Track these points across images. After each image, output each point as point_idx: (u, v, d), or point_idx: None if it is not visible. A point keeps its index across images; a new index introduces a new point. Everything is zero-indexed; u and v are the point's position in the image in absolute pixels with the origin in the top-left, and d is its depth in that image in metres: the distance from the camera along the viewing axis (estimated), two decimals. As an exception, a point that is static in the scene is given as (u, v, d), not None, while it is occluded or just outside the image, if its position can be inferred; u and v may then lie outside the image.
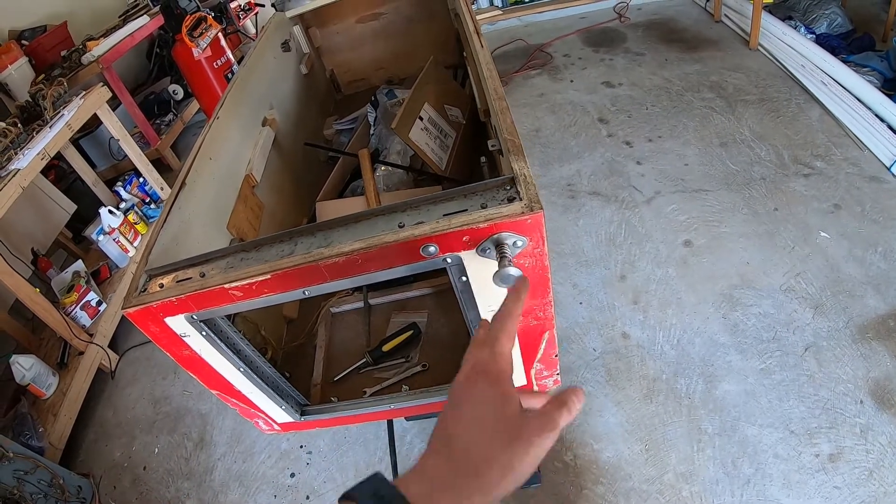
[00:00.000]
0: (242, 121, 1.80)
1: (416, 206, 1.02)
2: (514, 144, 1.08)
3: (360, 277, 1.02)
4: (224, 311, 1.09)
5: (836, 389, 2.05)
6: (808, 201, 2.66)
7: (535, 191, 0.98)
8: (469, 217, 0.96)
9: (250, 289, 1.02)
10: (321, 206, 1.82)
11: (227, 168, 1.63)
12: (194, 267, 1.10)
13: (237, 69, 1.91)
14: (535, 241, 0.99)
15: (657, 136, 3.25)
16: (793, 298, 2.33)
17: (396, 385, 1.52)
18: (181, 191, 1.36)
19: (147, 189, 3.52)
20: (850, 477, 1.83)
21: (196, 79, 3.81)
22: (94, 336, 2.84)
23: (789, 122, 3.09)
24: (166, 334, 1.16)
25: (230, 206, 1.58)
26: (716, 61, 3.71)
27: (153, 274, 1.15)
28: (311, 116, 2.46)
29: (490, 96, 1.22)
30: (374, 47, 2.68)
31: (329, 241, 1.02)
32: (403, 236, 0.96)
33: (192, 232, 1.37)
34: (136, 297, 1.10)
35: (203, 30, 3.67)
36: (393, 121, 1.90)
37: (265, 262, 1.03)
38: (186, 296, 1.04)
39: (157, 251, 1.22)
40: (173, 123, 4.36)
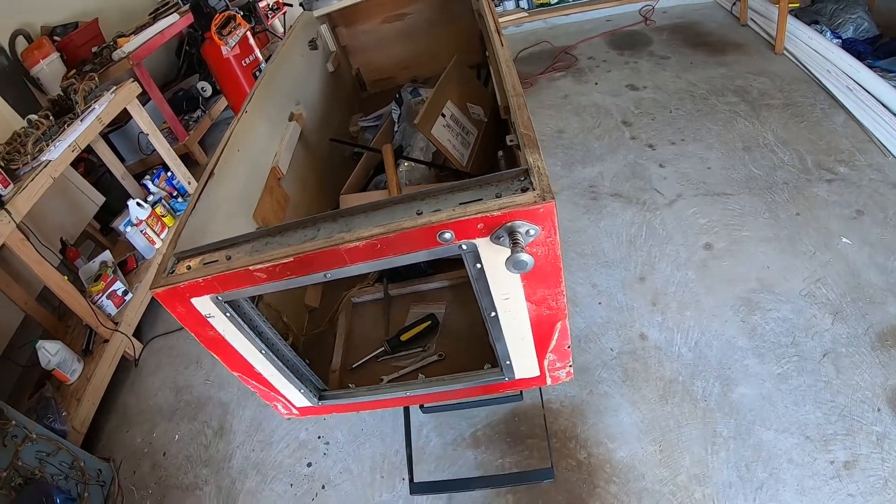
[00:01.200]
0: (270, 115, 1.87)
1: (434, 195, 1.07)
2: (529, 138, 1.13)
3: (379, 262, 1.07)
4: (248, 292, 1.15)
5: (853, 396, 2.03)
6: (830, 207, 2.65)
7: (547, 181, 1.02)
8: (484, 205, 1.01)
9: (273, 271, 1.08)
10: (345, 199, 1.88)
11: (254, 160, 1.70)
12: (221, 250, 1.17)
13: (266, 66, 1.98)
14: (547, 229, 1.04)
15: (680, 139, 3.26)
16: (812, 304, 2.33)
17: (413, 373, 1.57)
18: (210, 180, 1.43)
19: (175, 183, 3.61)
20: (864, 485, 1.82)
21: (224, 76, 3.90)
22: (120, 324, 2.93)
23: (813, 126, 3.08)
24: (192, 315, 1.22)
25: (256, 197, 1.65)
26: (741, 65, 3.71)
27: (181, 256, 1.21)
28: (337, 113, 2.53)
29: (508, 92, 1.27)
30: (399, 47, 2.74)
31: (350, 227, 1.07)
32: (421, 223, 1.01)
33: (219, 220, 1.44)
34: (165, 278, 1.17)
35: (232, 28, 3.76)
36: (416, 117, 1.96)
37: (289, 245, 1.09)
38: (212, 277, 1.11)
39: (185, 236, 1.29)
40: (201, 120, 4.47)
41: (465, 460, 2.12)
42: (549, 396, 2.20)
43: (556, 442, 2.10)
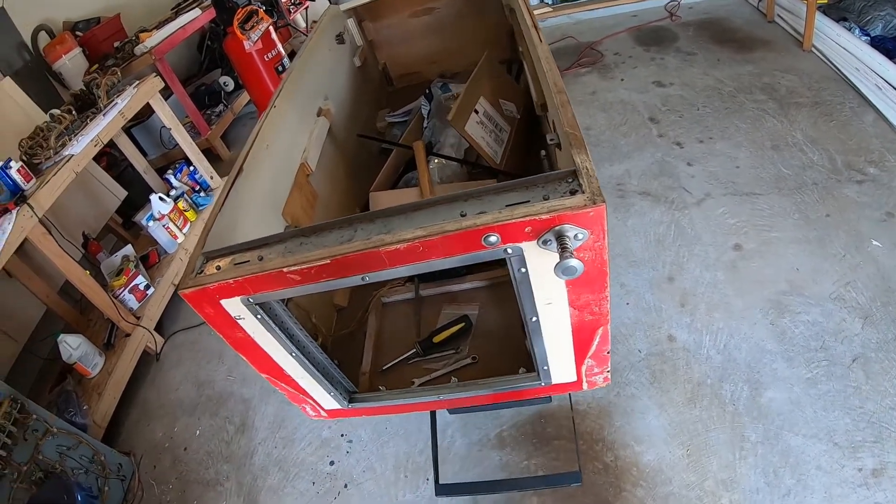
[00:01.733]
0: (298, 110, 1.82)
1: (478, 196, 1.02)
2: (575, 138, 1.07)
3: (420, 265, 1.02)
4: (280, 294, 1.10)
5: (882, 403, 1.98)
6: (860, 208, 2.57)
7: (597, 184, 0.97)
8: (531, 208, 0.95)
9: (309, 273, 1.03)
10: (375, 196, 1.83)
11: (283, 156, 1.65)
12: (252, 251, 1.12)
13: (292, 61, 1.93)
14: (595, 234, 0.98)
15: (708, 137, 3.18)
16: (842, 307, 2.26)
17: (445, 376, 1.52)
18: (238, 176, 1.38)
19: (197, 177, 3.58)
20: (892, 493, 1.77)
21: (247, 71, 3.86)
22: (141, 319, 2.90)
23: (843, 126, 2.99)
24: (221, 316, 1.17)
25: (285, 193, 1.60)
26: (768, 62, 3.61)
27: (210, 256, 1.16)
28: (364, 108, 2.48)
29: (550, 90, 1.21)
30: (426, 42, 2.69)
31: (389, 229, 1.02)
32: (466, 225, 0.96)
33: (248, 217, 1.39)
34: (193, 279, 1.12)
35: (254, 23, 3.71)
36: (448, 113, 1.90)
37: (324, 247, 1.03)
38: (244, 278, 1.06)
39: (214, 234, 1.24)
40: (223, 114, 4.44)
41: (491, 461, 2.08)
42: (576, 398, 2.15)
43: (582, 444, 2.04)
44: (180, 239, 3.25)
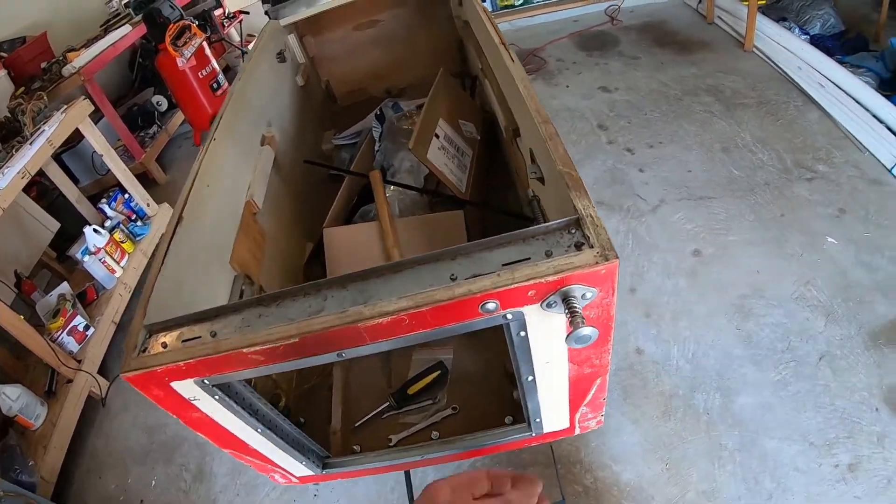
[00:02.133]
0: (240, 141, 1.60)
1: (468, 253, 0.85)
2: (572, 178, 0.91)
3: (405, 337, 0.85)
4: (240, 376, 0.91)
5: (851, 398, 1.96)
6: (813, 206, 2.54)
7: (606, 235, 0.82)
8: (535, 268, 0.79)
9: (274, 352, 0.84)
10: (330, 233, 1.63)
11: (226, 195, 1.43)
12: (202, 323, 0.92)
13: (231, 85, 1.70)
14: (605, 291, 0.84)
15: (658, 141, 3.09)
16: (804, 307, 2.22)
17: (425, 431, 1.35)
18: (178, 226, 1.17)
19: (133, 206, 3.28)
20: (869, 486, 1.77)
21: (181, 89, 3.58)
22: (83, 362, 2.61)
23: (789, 125, 2.96)
24: (172, 398, 0.97)
25: (231, 238, 1.39)
26: (711, 64, 3.56)
27: (154, 329, 0.96)
28: (309, 131, 2.26)
29: (533, 119, 1.05)
30: (372, 56, 2.49)
31: (367, 297, 0.84)
32: (459, 293, 0.79)
33: (192, 272, 1.18)
34: (136, 359, 0.92)
35: (187, 39, 3.44)
36: (402, 135, 1.73)
37: (290, 320, 0.85)
38: (197, 360, 0.86)
39: (156, 298, 1.03)
40: (158, 135, 4.11)
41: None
42: (551, 422, 2.03)
43: (560, 468, 1.92)
44: (118, 273, 2.96)
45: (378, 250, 1.58)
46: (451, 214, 1.54)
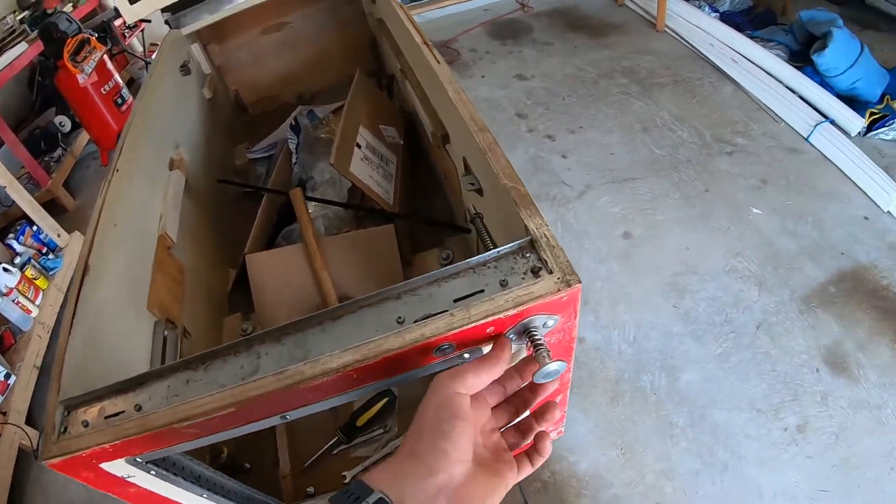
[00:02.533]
0: (147, 168, 1.44)
1: (413, 289, 0.76)
2: (519, 193, 0.83)
3: (354, 392, 0.75)
4: (176, 450, 0.79)
5: (791, 362, 2.02)
6: (735, 179, 2.59)
7: (564, 257, 0.74)
8: (492, 303, 0.71)
9: (209, 424, 0.73)
10: (252, 259, 1.49)
11: (136, 232, 1.28)
12: (124, 395, 0.79)
13: (134, 104, 1.53)
14: (567, 316, 0.76)
15: (578, 126, 3.08)
16: (737, 278, 2.27)
17: (380, 462, 1.25)
18: (85, 278, 1.01)
19: (42, 238, 2.99)
20: (819, 444, 1.83)
21: (84, 107, 3.29)
22: (8, 415, 2.36)
23: (705, 101, 3.01)
24: (104, 478, 0.83)
25: (146, 279, 1.24)
26: (624, 46, 3.58)
27: (72, 405, 0.82)
28: (220, 146, 2.09)
29: (469, 127, 0.96)
30: (281, 60, 2.33)
31: (306, 351, 0.73)
32: (410, 339, 0.69)
33: (107, 327, 1.03)
34: (57, 443, 0.77)
35: (87, 53, 3.15)
36: (325, 147, 1.62)
37: (222, 386, 0.73)
38: (123, 441, 0.73)
39: (70, 367, 0.88)
40: (63, 159, 3.75)
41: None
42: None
43: (517, 467, 1.88)
44: (34, 313, 2.69)
45: (306, 274, 1.46)
46: (381, 230, 1.44)
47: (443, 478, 0.57)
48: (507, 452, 0.69)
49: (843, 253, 2.27)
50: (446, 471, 0.58)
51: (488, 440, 0.69)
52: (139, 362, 1.08)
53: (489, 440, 0.69)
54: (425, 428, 0.62)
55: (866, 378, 1.95)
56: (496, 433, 0.71)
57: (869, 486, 1.74)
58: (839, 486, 1.74)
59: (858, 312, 2.11)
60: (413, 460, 0.59)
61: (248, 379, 0.72)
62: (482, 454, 0.66)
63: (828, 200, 2.45)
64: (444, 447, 0.59)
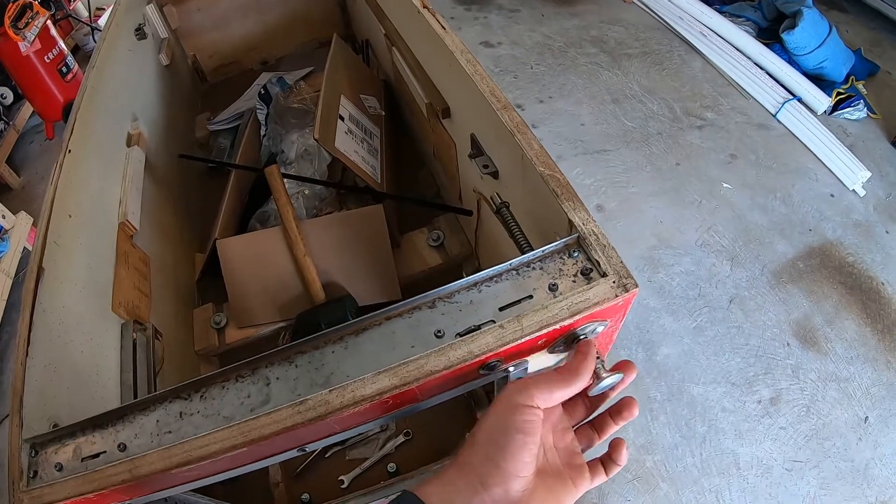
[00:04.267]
0: (102, 146, 1.24)
1: (449, 296, 0.63)
2: (559, 183, 0.71)
3: (384, 417, 0.62)
4: (171, 493, 0.64)
5: (763, 336, 2.02)
6: (706, 153, 2.55)
7: (618, 258, 0.63)
8: (546, 313, 0.59)
9: (213, 466, 0.59)
10: (224, 245, 1.31)
11: (93, 222, 1.09)
12: (101, 430, 0.64)
13: (85, 74, 1.31)
14: (616, 321, 0.66)
15: (548, 96, 2.96)
16: (709, 253, 2.24)
17: (380, 464, 1.13)
18: (39, 283, 0.84)
19: (-14, 221, 2.69)
20: (791, 416, 1.85)
21: (26, 77, 2.97)
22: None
23: (674, 74, 2.94)
24: None
25: (109, 276, 1.06)
26: (593, 15, 3.45)
27: (39, 444, 0.66)
28: (180, 118, 1.87)
29: (490, 103, 0.83)
30: (243, 24, 2.10)
31: (327, 375, 0.60)
32: (457, 357, 0.57)
33: (68, 340, 0.86)
34: (28, 492, 0.62)
35: (29, 19, 2.82)
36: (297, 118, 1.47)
37: (226, 420, 0.59)
38: (109, 490, 0.59)
39: (31, 393, 0.72)
40: (6, 134, 3.37)
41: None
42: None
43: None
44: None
45: (287, 260, 1.30)
46: (369, 211, 1.28)
47: (498, 493, 0.51)
48: (580, 456, 0.62)
49: (811, 229, 2.27)
50: (501, 485, 0.51)
51: (561, 440, 0.61)
52: (111, 377, 0.92)
53: (562, 441, 0.62)
54: (480, 439, 0.55)
55: (834, 352, 1.97)
56: (569, 433, 0.63)
57: (838, 455, 1.77)
58: (811, 456, 1.77)
59: (826, 288, 2.12)
60: (465, 473, 0.53)
61: (258, 411, 0.59)
62: (552, 458, 0.59)
63: (796, 177, 2.44)
64: (498, 460, 0.52)
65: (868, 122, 2.67)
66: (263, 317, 1.30)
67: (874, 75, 2.83)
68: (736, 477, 1.75)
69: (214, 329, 1.32)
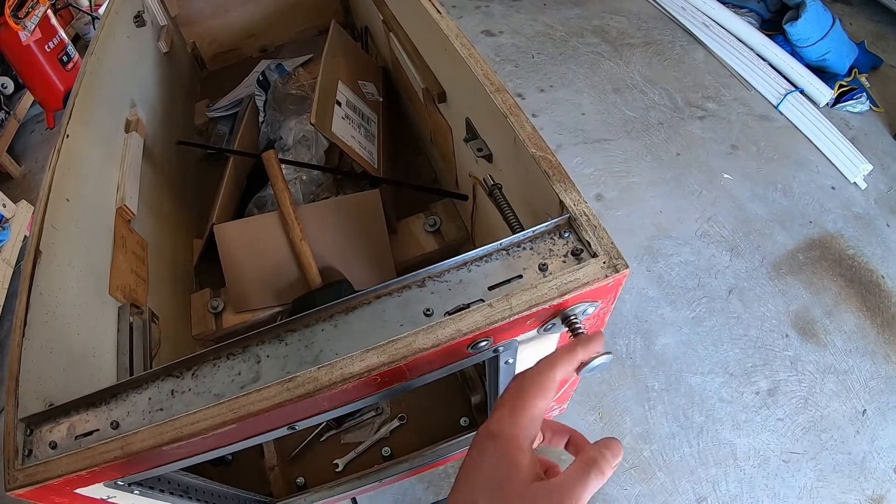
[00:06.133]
0: (101, 131, 1.24)
1: (439, 275, 0.64)
2: (550, 164, 0.71)
3: (371, 397, 0.62)
4: (162, 471, 0.65)
5: (762, 327, 2.02)
6: (706, 144, 2.53)
7: (609, 238, 0.63)
8: (535, 293, 0.59)
9: (204, 443, 0.60)
10: (222, 230, 1.32)
11: (91, 206, 1.10)
12: (96, 409, 0.64)
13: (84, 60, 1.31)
14: (607, 302, 0.66)
15: (548, 85, 2.94)
16: (709, 243, 2.23)
17: (374, 448, 1.14)
18: (36, 266, 0.84)
19: (-14, 209, 2.70)
20: (789, 407, 1.84)
21: (27, 67, 2.97)
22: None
23: (676, 64, 2.91)
24: (81, 502, 0.69)
25: (106, 260, 1.06)
26: (595, 5, 3.41)
27: (34, 423, 0.66)
28: (179, 105, 1.87)
29: (484, 86, 0.83)
30: (243, 11, 2.09)
31: (316, 352, 0.61)
32: (445, 335, 0.58)
33: (65, 322, 0.87)
34: (22, 470, 0.63)
35: (29, 8, 2.82)
36: (295, 104, 1.47)
37: (216, 397, 0.60)
38: (101, 467, 0.59)
39: (27, 373, 0.73)
40: (6, 123, 3.38)
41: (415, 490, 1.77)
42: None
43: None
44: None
45: (283, 245, 1.31)
46: (366, 196, 1.29)
47: None
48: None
49: (812, 221, 2.26)
50: None
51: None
52: (106, 359, 0.93)
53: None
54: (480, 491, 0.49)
55: (833, 344, 1.96)
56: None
57: (835, 447, 1.77)
58: (808, 448, 1.77)
59: (826, 280, 2.11)
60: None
61: (248, 388, 0.59)
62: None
63: (797, 169, 2.42)
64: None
65: (870, 115, 2.65)
66: (260, 301, 1.30)
67: (877, 69, 2.81)
68: (733, 467, 1.75)
69: (211, 314, 1.32)
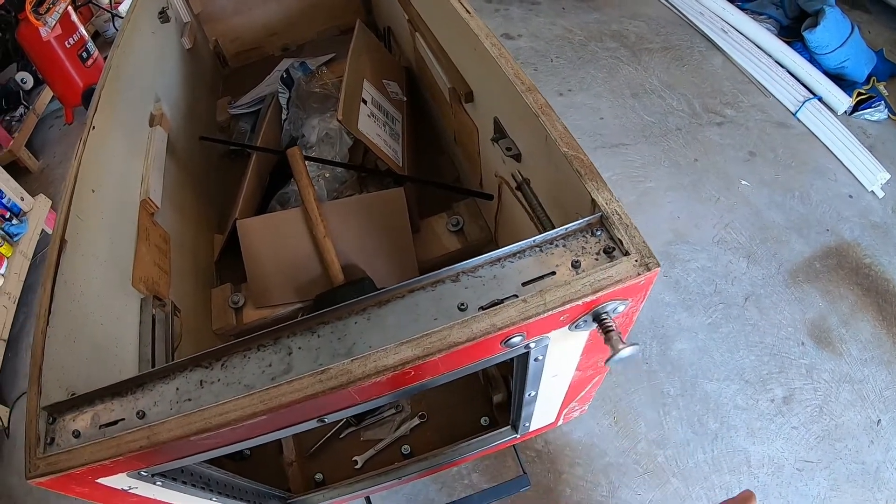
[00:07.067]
0: (126, 125, 1.24)
1: (473, 270, 0.63)
2: (582, 163, 0.70)
3: (405, 390, 0.62)
4: (187, 462, 0.64)
5: (778, 335, 1.98)
6: (724, 150, 2.51)
7: (640, 238, 0.63)
8: (569, 289, 0.59)
9: (232, 434, 0.59)
10: (244, 225, 1.31)
11: (116, 198, 1.10)
12: (121, 398, 0.64)
13: (109, 55, 1.31)
14: (637, 301, 0.65)
15: (567, 89, 2.93)
16: (726, 250, 2.20)
17: (394, 445, 1.13)
18: (61, 255, 0.84)
19: (5, 202, 2.70)
20: (804, 416, 1.81)
21: (47, 63, 2.99)
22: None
23: (695, 70, 2.89)
24: (101, 492, 0.70)
25: (130, 252, 1.06)
26: (614, 9, 3.39)
27: (58, 412, 0.66)
28: (202, 101, 1.88)
29: (515, 85, 0.82)
30: (265, 10, 2.10)
31: (349, 345, 0.60)
32: (480, 330, 0.57)
33: (88, 312, 0.86)
34: (45, 459, 0.62)
35: (50, 4, 2.84)
36: (318, 102, 1.46)
37: (247, 388, 0.59)
38: (126, 457, 0.59)
39: (50, 362, 0.72)
40: (25, 117, 3.41)
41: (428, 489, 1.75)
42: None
43: (514, 438, 1.80)
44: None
45: (306, 242, 1.30)
46: (390, 194, 1.28)
47: None
48: None
49: (829, 230, 2.23)
50: None
51: None
52: (129, 350, 0.93)
53: None
54: None
55: (849, 353, 1.93)
56: None
57: (850, 457, 1.74)
58: (822, 457, 1.74)
59: (842, 288, 2.08)
60: None
61: (279, 379, 0.59)
62: None
63: (814, 176, 2.40)
64: None
65: (889, 123, 2.62)
66: (281, 297, 1.30)
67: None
68: (747, 475, 1.72)
69: (232, 309, 1.32)
